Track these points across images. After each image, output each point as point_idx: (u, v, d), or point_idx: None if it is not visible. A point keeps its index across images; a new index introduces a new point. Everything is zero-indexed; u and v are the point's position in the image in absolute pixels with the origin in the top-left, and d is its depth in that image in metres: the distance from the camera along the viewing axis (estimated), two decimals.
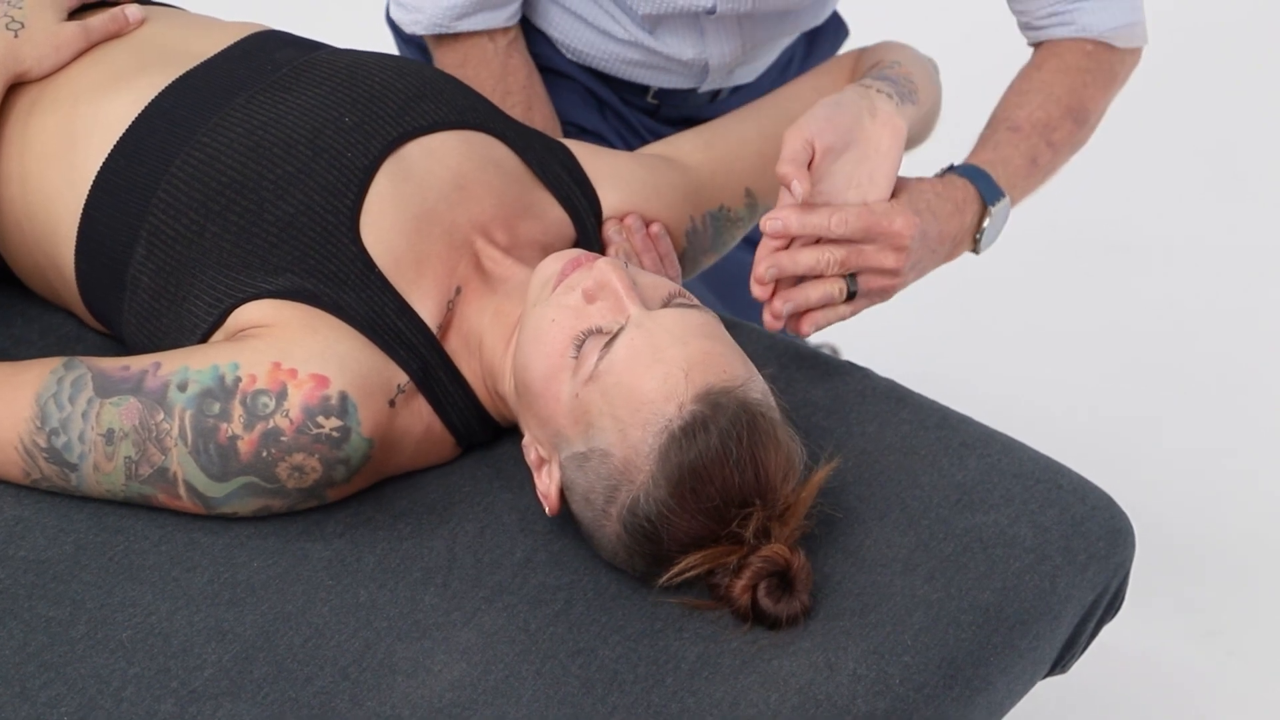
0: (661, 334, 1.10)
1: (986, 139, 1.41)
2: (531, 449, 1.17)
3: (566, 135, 1.57)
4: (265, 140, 1.25)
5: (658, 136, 1.62)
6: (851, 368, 1.39)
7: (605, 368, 1.10)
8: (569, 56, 1.56)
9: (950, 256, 1.37)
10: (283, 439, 1.15)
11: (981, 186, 1.36)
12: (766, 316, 1.28)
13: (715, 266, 1.54)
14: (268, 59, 1.33)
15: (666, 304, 1.13)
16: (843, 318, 1.31)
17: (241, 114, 1.27)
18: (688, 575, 1.10)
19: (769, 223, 1.24)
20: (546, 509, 1.16)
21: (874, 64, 1.44)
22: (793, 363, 1.38)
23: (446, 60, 1.51)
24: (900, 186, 1.32)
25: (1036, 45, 1.49)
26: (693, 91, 1.61)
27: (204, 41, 1.36)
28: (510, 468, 1.28)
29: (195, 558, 1.18)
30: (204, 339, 1.22)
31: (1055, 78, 1.44)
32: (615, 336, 1.10)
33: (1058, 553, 1.22)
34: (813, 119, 1.26)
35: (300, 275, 1.20)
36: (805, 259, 1.27)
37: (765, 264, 1.25)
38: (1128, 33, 1.47)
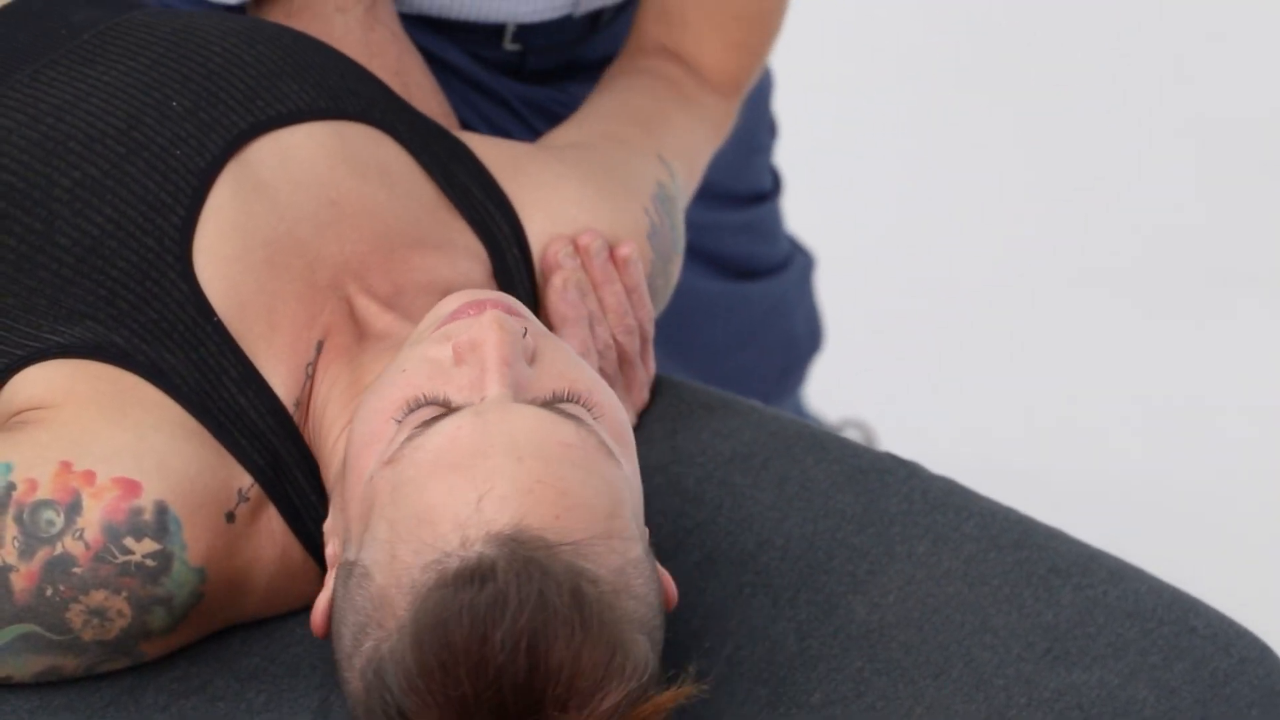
0: (499, 435, 0.94)
1: None
2: (331, 539, 1.02)
3: None
4: (58, 131, 1.10)
5: (529, 105, 1.46)
6: (892, 462, 1.23)
7: (410, 453, 0.95)
8: (394, 6, 1.37)
9: None
10: (75, 571, 0.99)
11: None
12: None
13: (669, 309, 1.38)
14: (61, 21, 1.17)
15: (552, 402, 0.98)
16: None
17: (24, 94, 1.12)
18: None
19: None
20: (312, 628, 1.01)
21: None
22: (807, 453, 1.23)
23: None
24: None
25: None
26: (566, 22, 1.42)
27: None
28: None
29: None
30: None
31: None
32: (444, 416, 0.96)
33: None
34: None
35: (106, 324, 1.06)
36: None
37: None
38: None
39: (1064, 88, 2.77)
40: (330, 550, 1.01)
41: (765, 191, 1.65)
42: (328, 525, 1.02)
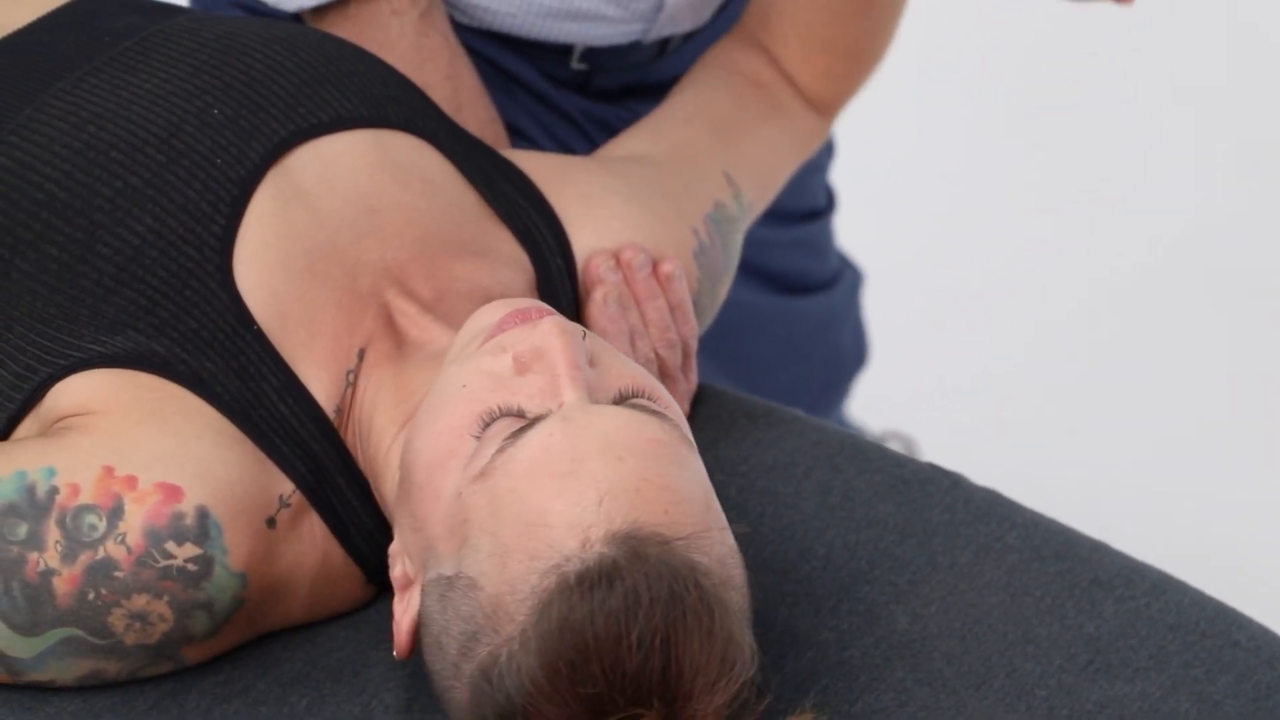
0: (592, 437, 0.94)
1: None
2: (399, 561, 1.01)
3: None
4: (99, 140, 1.08)
5: (594, 122, 1.44)
6: (935, 472, 1.22)
7: (503, 465, 0.93)
8: (463, 20, 1.37)
9: None
10: (117, 575, 0.98)
11: None
12: None
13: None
14: (104, 29, 1.15)
15: (621, 400, 0.98)
16: None
17: (66, 103, 1.10)
18: None
19: None
20: (394, 649, 1.00)
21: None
22: (849, 463, 1.22)
23: None
24: None
25: None
26: (634, 46, 1.40)
27: (12, 6, 1.19)
28: None
29: None
30: (7, 428, 1.05)
31: None
32: (531, 425, 0.94)
33: None
34: None
35: (146, 333, 1.04)
36: None
37: None
38: None
39: (1108, 109, 2.74)
40: (398, 571, 1.00)
41: (819, 209, 1.63)
42: (394, 548, 1.01)
